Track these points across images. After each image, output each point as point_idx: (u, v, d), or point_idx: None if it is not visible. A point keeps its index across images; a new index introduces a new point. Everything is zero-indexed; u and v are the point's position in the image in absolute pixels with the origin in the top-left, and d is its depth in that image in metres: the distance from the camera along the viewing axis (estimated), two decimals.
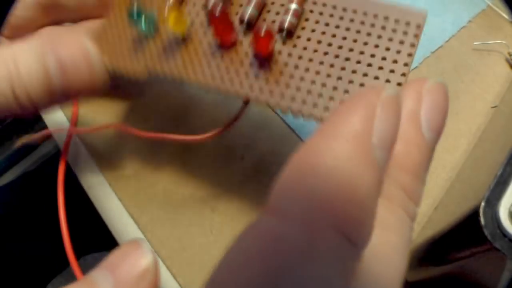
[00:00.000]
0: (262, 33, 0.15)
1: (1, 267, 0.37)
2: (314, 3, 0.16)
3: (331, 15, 0.16)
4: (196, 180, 0.21)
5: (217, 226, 0.20)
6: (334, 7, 0.16)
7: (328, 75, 0.15)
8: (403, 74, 0.14)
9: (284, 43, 0.16)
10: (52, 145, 0.63)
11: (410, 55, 0.15)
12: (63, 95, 0.17)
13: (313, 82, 0.15)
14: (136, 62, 0.17)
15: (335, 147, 0.09)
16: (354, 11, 0.16)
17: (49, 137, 0.21)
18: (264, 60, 0.16)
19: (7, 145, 0.62)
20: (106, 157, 0.22)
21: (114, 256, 0.14)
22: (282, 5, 0.16)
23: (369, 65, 0.15)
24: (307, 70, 0.15)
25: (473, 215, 0.13)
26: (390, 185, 0.10)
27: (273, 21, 0.16)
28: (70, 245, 0.18)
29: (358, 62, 0.15)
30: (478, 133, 0.22)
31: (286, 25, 0.16)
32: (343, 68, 0.15)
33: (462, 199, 0.17)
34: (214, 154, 0.21)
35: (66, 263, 0.44)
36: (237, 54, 0.16)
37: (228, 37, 0.16)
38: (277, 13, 0.16)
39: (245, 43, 0.16)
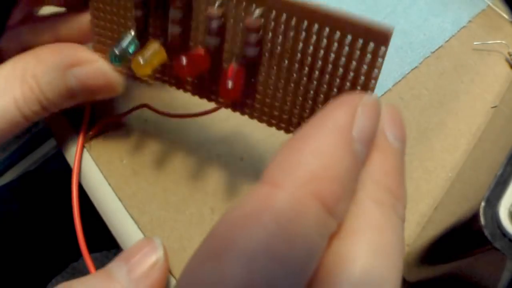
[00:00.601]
0: (230, 86, 0.15)
1: (1, 267, 0.37)
2: (274, 11, 0.15)
3: (292, 29, 0.15)
4: (196, 180, 0.21)
5: None
6: (293, 17, 0.15)
7: (302, 98, 0.16)
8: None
9: (254, 66, 0.16)
10: (52, 145, 0.63)
11: (374, 79, 0.14)
12: (87, 100, 0.20)
13: (288, 102, 0.16)
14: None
15: (320, 135, 0.11)
16: (314, 22, 0.15)
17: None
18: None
19: (7, 145, 0.62)
20: (106, 157, 0.22)
21: (128, 250, 0.17)
22: (242, 16, 0.16)
23: (334, 87, 0.15)
24: (279, 90, 0.16)
25: (473, 215, 0.13)
26: (379, 190, 0.12)
27: (238, 41, 0.16)
28: (84, 241, 0.19)
29: (323, 83, 0.15)
30: (478, 133, 0.22)
31: (250, 58, 0.16)
32: (311, 90, 0.15)
33: (462, 199, 0.17)
34: (214, 154, 0.21)
35: (66, 263, 0.44)
36: (213, 74, 0.17)
37: (201, 68, 0.17)
38: (239, 25, 0.16)
39: (217, 64, 0.17)
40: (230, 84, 0.15)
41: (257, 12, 0.15)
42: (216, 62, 0.17)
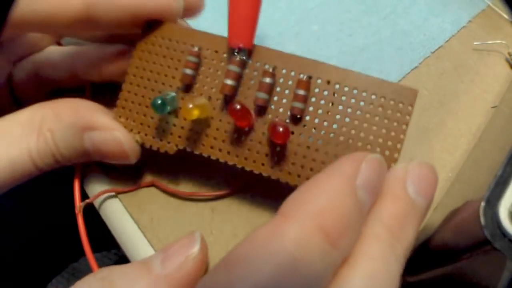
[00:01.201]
0: (281, 130, 0.16)
1: (1, 267, 0.37)
2: (319, 78, 0.17)
3: (334, 93, 0.17)
4: (196, 180, 0.21)
5: (217, 226, 0.20)
6: (336, 84, 0.17)
7: (335, 156, 0.17)
8: (397, 151, 0.16)
9: (295, 124, 0.17)
10: None
11: (403, 133, 0.16)
12: (99, 162, 0.20)
13: (323, 162, 0.17)
14: (165, 139, 0.19)
15: (329, 181, 0.13)
16: (354, 88, 0.17)
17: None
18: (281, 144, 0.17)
19: None
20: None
21: (169, 244, 0.17)
22: (290, 81, 0.18)
23: (368, 144, 0.17)
24: (317, 150, 0.17)
25: (473, 215, 0.13)
26: (381, 228, 0.13)
27: (283, 103, 0.18)
28: (87, 242, 0.19)
29: (358, 140, 0.17)
30: (478, 133, 0.22)
31: (296, 111, 0.17)
32: (347, 147, 0.17)
33: (462, 199, 0.17)
34: None
35: (66, 263, 0.44)
36: (255, 133, 0.18)
37: (247, 123, 0.18)
38: (285, 90, 0.18)
39: (260, 123, 0.18)
40: (280, 129, 0.16)
41: (304, 76, 0.17)
42: (256, 125, 0.18)
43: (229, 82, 0.18)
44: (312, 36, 0.25)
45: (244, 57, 0.18)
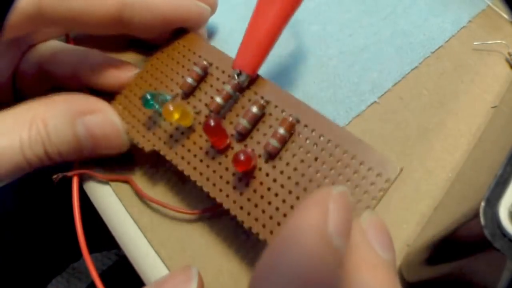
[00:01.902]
0: (242, 158, 0.16)
1: (1, 267, 0.37)
2: (306, 126, 0.17)
3: (315, 144, 0.16)
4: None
5: (218, 226, 0.20)
6: (320, 136, 0.16)
7: (292, 207, 0.16)
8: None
9: (266, 161, 0.17)
10: None
11: (370, 206, 0.15)
12: (91, 154, 0.19)
13: (277, 208, 0.16)
14: (146, 136, 0.19)
15: (299, 238, 0.11)
16: (336, 146, 0.16)
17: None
18: (245, 174, 0.17)
19: None
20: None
21: (163, 277, 0.17)
22: (277, 119, 0.17)
23: None
24: (276, 195, 0.16)
25: (473, 215, 0.13)
26: None
27: (264, 135, 0.17)
28: (85, 244, 0.19)
29: None
30: (478, 133, 0.22)
31: (269, 148, 0.17)
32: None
33: (462, 199, 0.17)
34: None
35: (66, 263, 0.44)
36: (226, 158, 0.18)
37: (220, 143, 0.17)
38: (270, 126, 0.17)
39: (236, 150, 0.17)
40: (242, 156, 0.16)
41: (291, 118, 0.17)
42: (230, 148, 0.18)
43: (218, 100, 0.18)
44: (312, 36, 0.25)
45: (242, 82, 0.18)
